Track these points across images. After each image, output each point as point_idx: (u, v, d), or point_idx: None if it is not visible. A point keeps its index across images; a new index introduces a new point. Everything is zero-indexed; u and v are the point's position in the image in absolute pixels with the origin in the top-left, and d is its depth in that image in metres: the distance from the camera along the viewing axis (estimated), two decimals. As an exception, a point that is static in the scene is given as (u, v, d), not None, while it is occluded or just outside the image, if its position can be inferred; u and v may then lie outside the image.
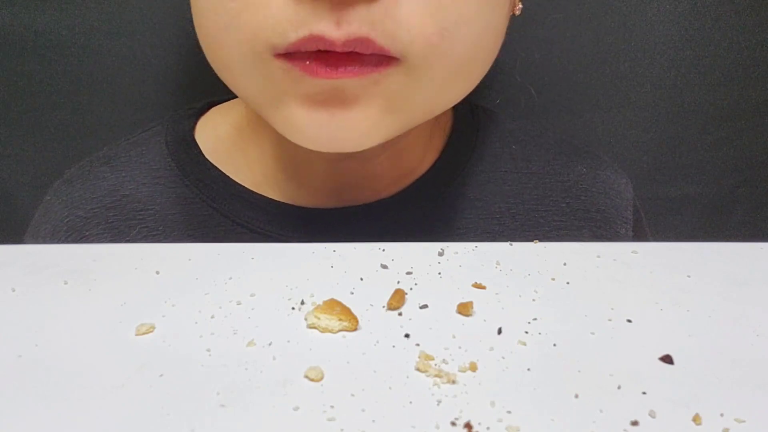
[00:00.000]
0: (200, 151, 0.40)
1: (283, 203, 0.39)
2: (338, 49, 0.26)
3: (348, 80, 0.27)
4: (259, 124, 0.39)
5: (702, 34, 0.52)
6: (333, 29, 0.26)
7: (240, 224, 0.39)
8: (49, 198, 0.41)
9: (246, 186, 0.39)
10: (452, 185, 0.41)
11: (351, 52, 0.27)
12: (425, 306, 0.25)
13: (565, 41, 0.53)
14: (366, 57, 0.27)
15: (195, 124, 0.42)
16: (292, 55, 0.27)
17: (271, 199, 0.39)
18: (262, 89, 0.30)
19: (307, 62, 0.27)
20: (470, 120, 0.43)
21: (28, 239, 0.41)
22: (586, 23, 0.52)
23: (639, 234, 0.44)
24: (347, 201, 0.39)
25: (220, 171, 0.40)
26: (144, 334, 0.23)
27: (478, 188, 0.41)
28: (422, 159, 0.41)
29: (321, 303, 0.24)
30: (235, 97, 0.42)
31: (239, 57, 0.29)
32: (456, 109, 0.44)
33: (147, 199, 0.39)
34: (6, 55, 0.50)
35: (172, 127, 0.42)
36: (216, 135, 0.41)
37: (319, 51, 0.27)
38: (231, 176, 0.40)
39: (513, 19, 0.35)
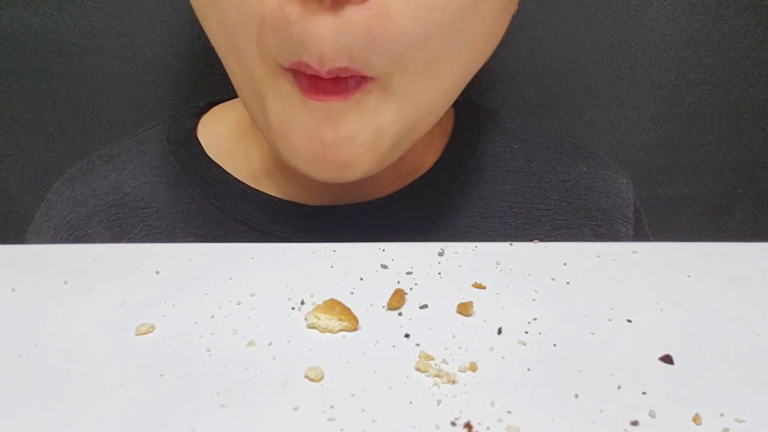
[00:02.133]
0: (202, 149, 0.41)
1: (284, 201, 0.39)
2: (323, 76, 0.28)
3: (335, 103, 0.29)
4: None
5: (702, 34, 0.52)
6: (317, 64, 0.28)
7: (242, 222, 0.39)
8: (51, 196, 0.41)
9: (248, 184, 0.39)
10: (454, 184, 0.41)
11: (334, 78, 0.29)
12: (425, 306, 0.25)
13: (565, 41, 0.53)
14: (349, 81, 0.29)
15: (197, 122, 0.42)
16: (294, 72, 0.29)
17: (272, 196, 0.39)
18: (272, 109, 0.31)
19: (302, 80, 0.29)
20: (472, 119, 0.43)
21: (29, 238, 0.41)
22: (586, 23, 0.52)
23: (639, 233, 0.44)
24: (349, 199, 0.39)
25: (221, 169, 0.40)
26: (144, 334, 0.23)
27: (480, 187, 0.41)
28: (423, 158, 0.41)
29: (321, 303, 0.24)
30: (237, 96, 0.42)
31: (256, 71, 0.30)
32: (457, 108, 0.44)
33: (149, 197, 0.40)
34: (6, 55, 0.50)
35: (174, 126, 0.42)
36: (217, 133, 0.42)
37: (309, 75, 0.29)
38: (233, 174, 0.40)
39: (513, 19, 0.35)
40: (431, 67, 0.30)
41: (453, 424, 0.19)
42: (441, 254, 0.29)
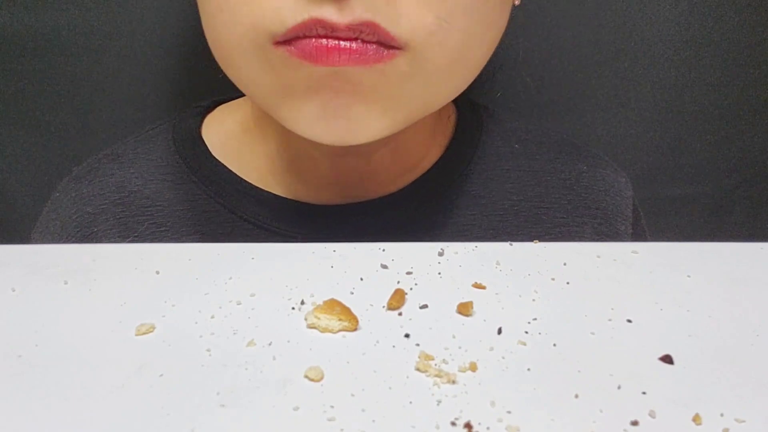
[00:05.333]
0: (207, 148, 0.41)
1: (288, 199, 0.39)
2: (342, 35, 0.26)
3: (351, 68, 0.27)
4: (265, 122, 0.39)
5: (702, 34, 0.52)
6: (335, 14, 0.26)
7: (246, 220, 0.39)
8: (57, 195, 0.42)
9: (252, 182, 0.40)
10: (456, 182, 0.41)
11: (355, 39, 0.27)
12: (425, 306, 0.25)
13: (565, 41, 0.53)
14: (369, 47, 0.27)
15: (201, 121, 0.43)
16: (291, 42, 0.28)
17: (276, 195, 0.39)
18: (267, 83, 0.30)
19: (308, 45, 0.27)
20: (473, 119, 0.44)
21: (35, 236, 0.42)
22: (587, 23, 0.52)
23: (637, 231, 0.44)
24: (352, 197, 0.39)
25: (226, 167, 0.40)
26: (144, 334, 0.23)
27: (481, 185, 0.41)
28: (425, 155, 0.41)
29: (321, 303, 0.24)
30: (241, 95, 0.42)
31: (242, 51, 0.29)
32: (459, 107, 0.44)
33: (154, 195, 0.40)
34: (6, 55, 0.50)
35: (179, 125, 0.42)
36: (222, 132, 0.42)
37: (320, 37, 0.27)
38: (237, 173, 0.40)
39: (514, 19, 0.35)
40: (454, 47, 0.29)
41: (453, 424, 0.19)
42: (441, 254, 0.29)
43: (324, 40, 0.26)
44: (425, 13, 0.27)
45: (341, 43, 0.26)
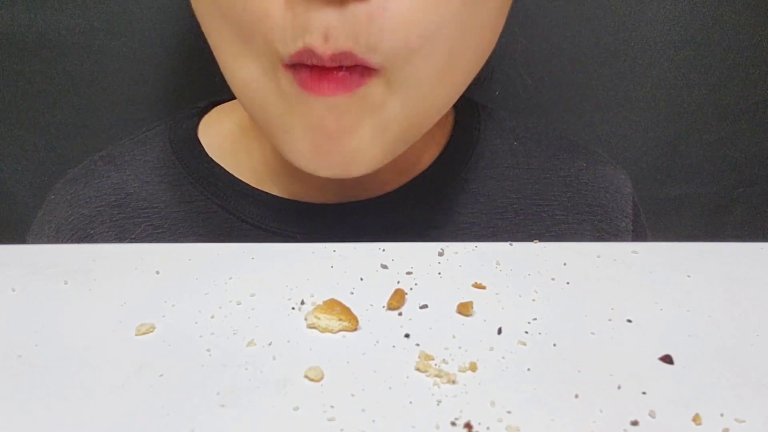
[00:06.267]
0: (203, 149, 0.41)
1: (286, 199, 0.39)
2: (327, 64, 0.28)
3: (339, 98, 0.29)
4: None
5: (702, 34, 0.52)
6: (320, 45, 0.27)
7: (244, 220, 0.39)
8: (53, 197, 0.41)
9: (249, 183, 0.40)
10: (455, 180, 0.41)
11: (340, 68, 0.28)
12: (425, 306, 0.25)
13: (565, 41, 0.53)
14: (351, 70, 0.29)
15: (198, 122, 0.42)
16: (296, 67, 0.29)
17: (274, 195, 0.39)
18: (274, 110, 0.31)
19: (304, 73, 0.29)
20: (471, 117, 0.44)
21: (30, 239, 0.41)
22: (587, 23, 0.52)
23: (638, 228, 0.44)
24: (350, 196, 0.39)
25: (223, 168, 0.40)
26: (144, 334, 0.23)
27: (481, 183, 0.41)
28: (423, 154, 0.41)
29: (321, 303, 0.24)
30: None
31: (256, 69, 0.30)
32: (457, 105, 0.44)
33: (151, 197, 0.40)
34: (6, 55, 0.50)
35: (176, 126, 0.42)
36: (219, 133, 0.42)
37: (314, 66, 0.28)
38: (234, 173, 0.40)
39: (513, 18, 0.35)
40: (439, 62, 0.30)
41: (453, 424, 0.19)
42: (441, 254, 0.29)
43: (316, 78, 0.28)
44: (409, 32, 0.28)
45: (329, 76, 0.28)
